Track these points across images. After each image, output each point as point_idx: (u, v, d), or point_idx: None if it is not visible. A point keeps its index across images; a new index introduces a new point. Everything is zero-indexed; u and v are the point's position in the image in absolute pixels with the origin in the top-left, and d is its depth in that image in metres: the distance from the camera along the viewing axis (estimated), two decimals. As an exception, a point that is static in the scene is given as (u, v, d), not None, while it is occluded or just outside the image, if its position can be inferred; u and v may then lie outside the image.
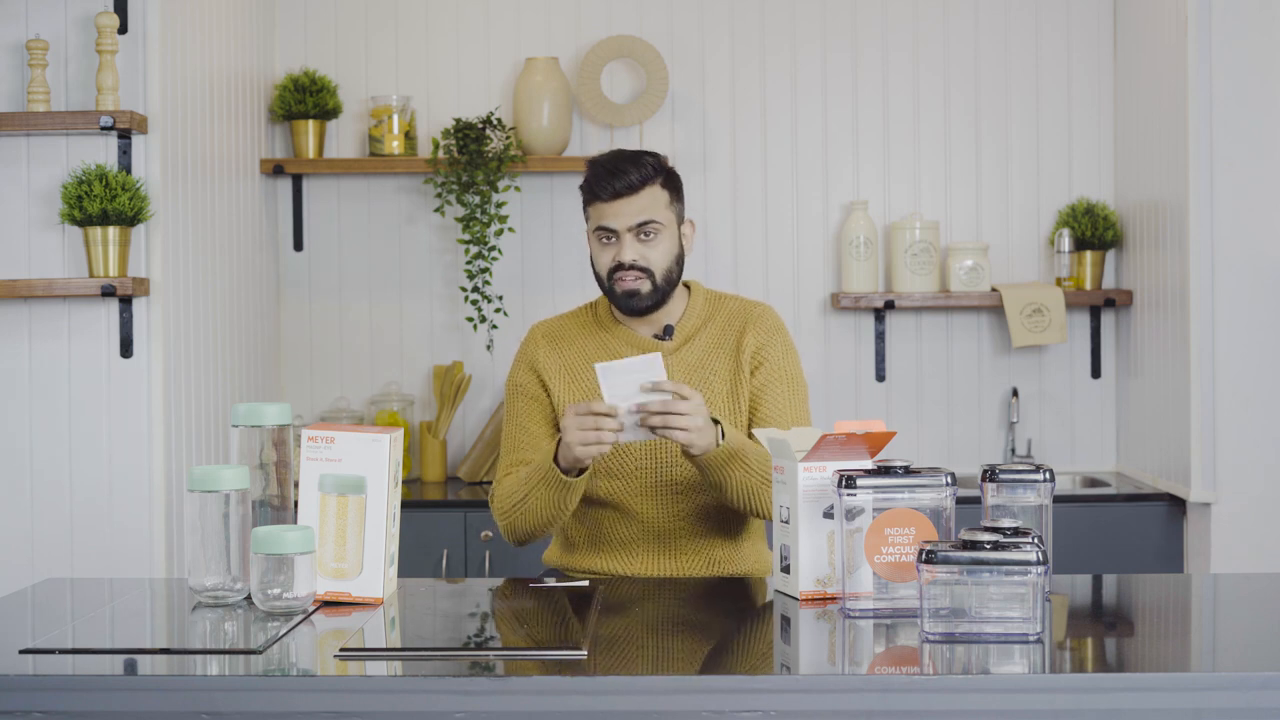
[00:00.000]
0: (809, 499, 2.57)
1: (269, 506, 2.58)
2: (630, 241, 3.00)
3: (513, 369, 3.15)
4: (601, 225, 3.02)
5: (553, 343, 3.11)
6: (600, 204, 3.02)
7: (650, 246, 3.00)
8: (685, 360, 3.05)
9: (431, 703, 2.07)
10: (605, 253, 3.03)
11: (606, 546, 3.03)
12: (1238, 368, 4.16)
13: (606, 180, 3.01)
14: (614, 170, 3.01)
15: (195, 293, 4.05)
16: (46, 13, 3.76)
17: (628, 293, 3.01)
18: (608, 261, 3.02)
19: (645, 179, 3.01)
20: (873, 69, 4.88)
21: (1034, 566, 2.26)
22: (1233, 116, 4.14)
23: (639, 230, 3.00)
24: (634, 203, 3.00)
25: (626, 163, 3.02)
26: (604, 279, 3.04)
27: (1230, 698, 2.06)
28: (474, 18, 4.90)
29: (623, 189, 3.00)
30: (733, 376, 3.05)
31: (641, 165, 3.02)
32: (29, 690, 2.10)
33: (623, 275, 3.00)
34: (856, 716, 2.07)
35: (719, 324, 3.10)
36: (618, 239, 3.01)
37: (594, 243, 3.05)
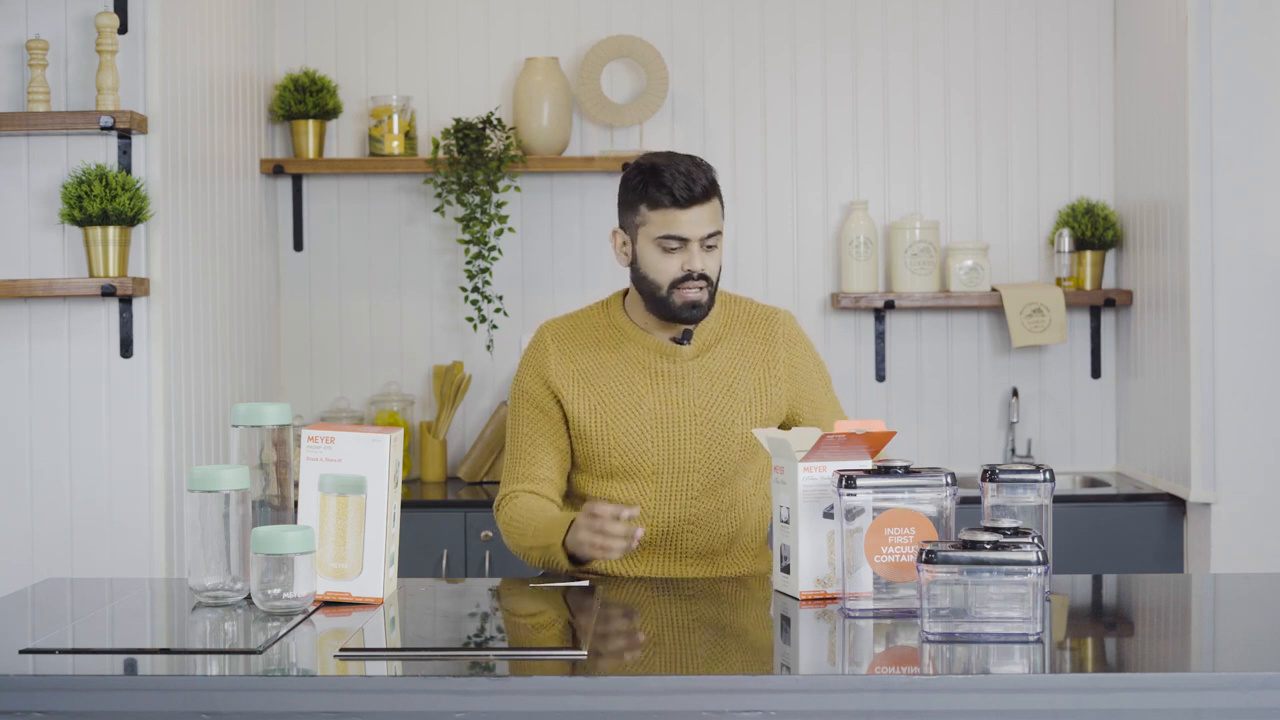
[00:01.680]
0: (809, 499, 2.57)
1: (269, 506, 2.58)
2: (698, 250, 2.91)
3: (520, 373, 3.06)
4: (672, 233, 2.90)
5: (564, 347, 3.02)
6: (671, 210, 2.90)
7: (712, 256, 2.94)
8: (708, 368, 3.00)
9: (431, 703, 2.07)
10: (669, 260, 2.91)
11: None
12: (1238, 368, 4.16)
13: (685, 185, 2.89)
14: (690, 175, 2.90)
15: (195, 293, 4.05)
16: (46, 13, 3.76)
17: (691, 303, 2.92)
18: (673, 270, 2.91)
19: (713, 188, 2.93)
20: (873, 69, 4.88)
21: (1034, 566, 2.26)
22: (1233, 116, 4.14)
23: (706, 240, 2.92)
24: (704, 211, 2.91)
25: (695, 169, 2.92)
26: (662, 287, 2.92)
27: (1230, 698, 2.06)
28: (474, 18, 4.90)
29: (700, 195, 2.90)
30: (757, 387, 3.01)
31: (707, 171, 2.94)
32: (29, 690, 2.10)
33: (688, 285, 2.91)
34: (856, 716, 2.07)
35: (740, 332, 3.05)
36: (685, 247, 2.91)
37: (651, 249, 2.92)
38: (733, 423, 2.97)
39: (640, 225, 2.94)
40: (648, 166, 2.94)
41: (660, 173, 2.91)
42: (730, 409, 2.97)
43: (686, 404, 2.96)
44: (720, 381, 2.98)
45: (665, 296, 2.93)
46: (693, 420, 2.96)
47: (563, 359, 3.01)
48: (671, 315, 2.94)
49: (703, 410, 2.96)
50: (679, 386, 2.97)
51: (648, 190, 2.92)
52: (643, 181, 2.93)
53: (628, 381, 2.97)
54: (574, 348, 3.02)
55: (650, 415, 2.95)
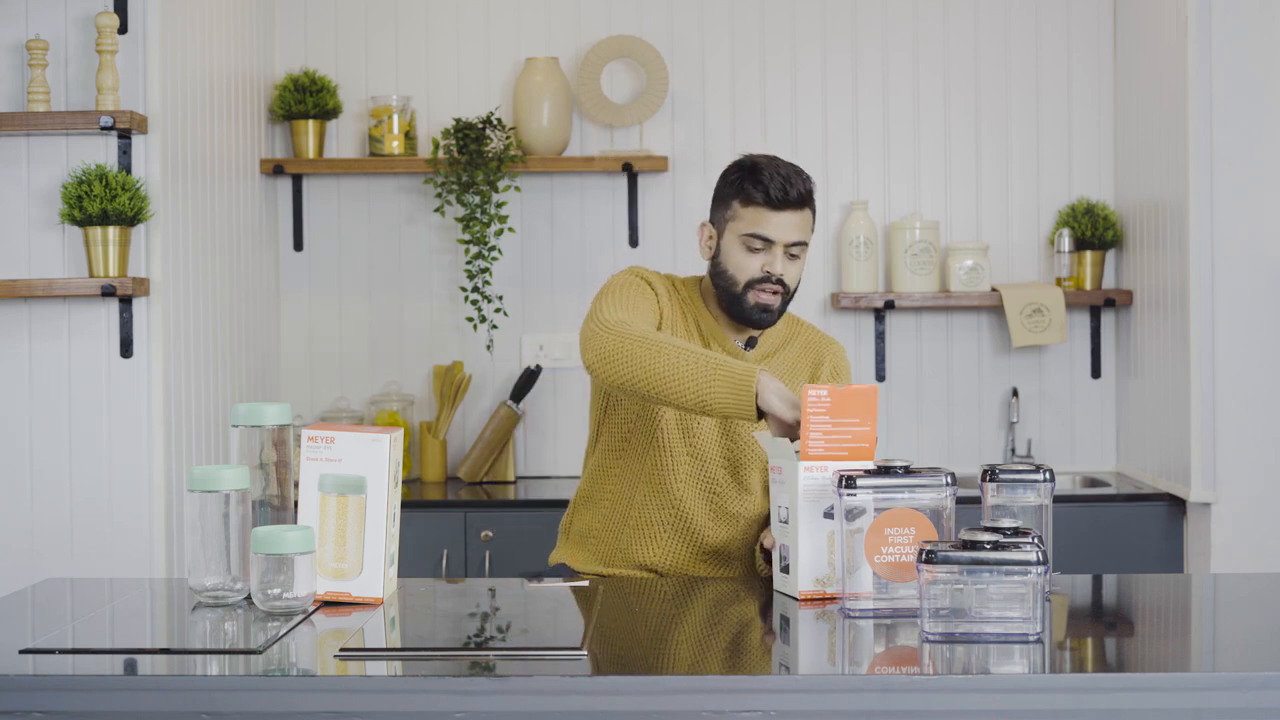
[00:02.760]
0: (809, 499, 2.57)
1: (269, 506, 2.58)
2: (781, 256, 2.92)
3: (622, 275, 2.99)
4: (759, 232, 2.92)
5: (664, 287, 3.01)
6: (763, 209, 2.92)
7: (794, 265, 2.95)
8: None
9: (431, 703, 2.07)
10: (751, 260, 2.93)
11: (633, 522, 3.01)
12: (1238, 368, 4.16)
13: (781, 186, 2.90)
14: (789, 178, 2.91)
15: (195, 293, 4.05)
16: (46, 13, 3.76)
17: (764, 306, 2.94)
18: (754, 270, 2.93)
19: (809, 195, 2.95)
20: (873, 69, 4.88)
21: (1034, 566, 2.26)
22: (1233, 116, 4.14)
23: (790, 247, 2.93)
24: (796, 217, 2.93)
25: (797, 175, 2.93)
26: (739, 284, 2.94)
27: (1230, 698, 2.06)
28: (474, 18, 4.90)
29: (795, 200, 2.91)
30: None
31: (808, 181, 2.95)
32: (29, 690, 2.10)
33: (765, 288, 2.93)
34: (856, 716, 2.07)
35: (797, 348, 3.09)
36: (769, 249, 2.93)
37: (736, 244, 2.94)
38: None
39: (730, 220, 2.96)
40: (749, 164, 2.96)
41: (760, 171, 2.93)
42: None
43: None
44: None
45: (740, 294, 2.95)
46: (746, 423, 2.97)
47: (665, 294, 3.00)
48: (742, 314, 2.96)
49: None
50: None
51: (744, 186, 2.94)
52: (740, 177, 2.95)
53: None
54: (671, 297, 3.02)
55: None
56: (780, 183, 2.90)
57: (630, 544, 3.01)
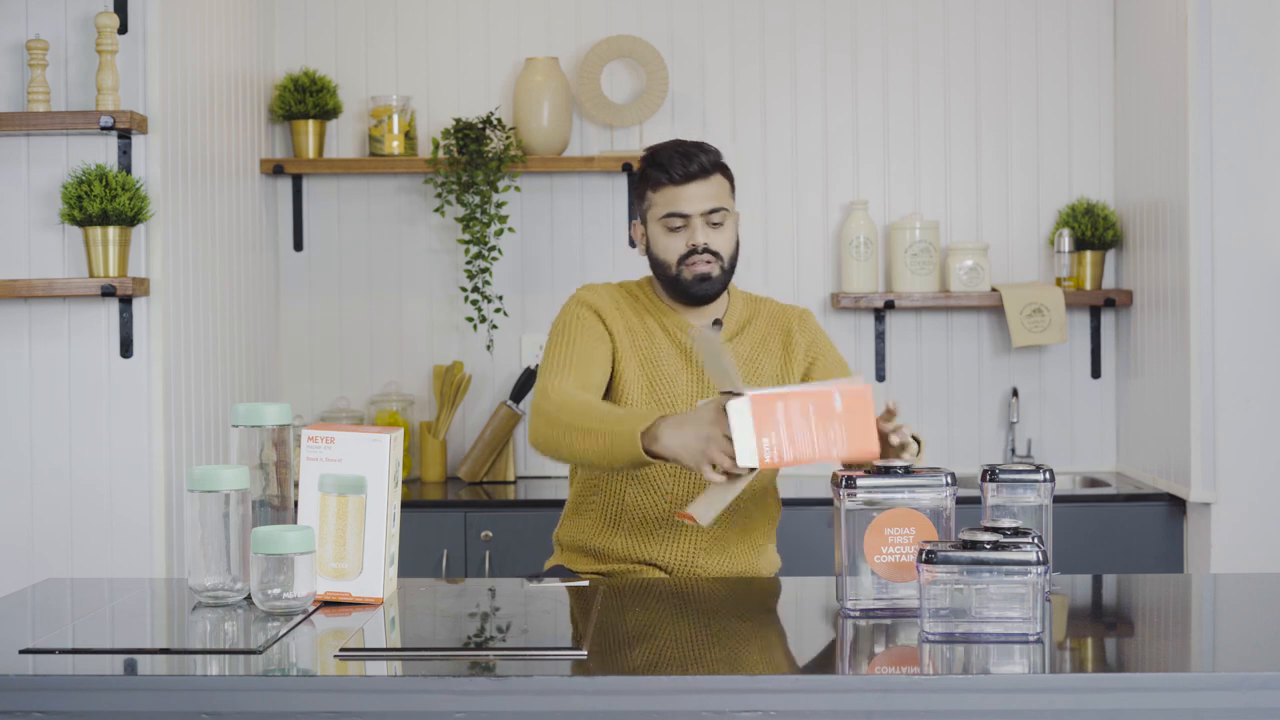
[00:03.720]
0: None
1: (269, 506, 2.58)
2: (701, 226, 3.00)
3: (568, 309, 3.05)
4: (673, 211, 3.00)
5: (615, 301, 3.08)
6: (671, 188, 3.00)
7: (719, 233, 3.02)
8: (735, 353, 3.07)
9: (431, 703, 2.07)
10: (674, 239, 3.01)
11: (625, 524, 3.02)
12: (1238, 368, 4.15)
13: (680, 163, 2.99)
14: (685, 154, 3.00)
15: (195, 293, 4.05)
16: (46, 13, 3.76)
17: (700, 276, 3.00)
18: (678, 247, 3.00)
19: (714, 165, 3.02)
20: (873, 69, 4.88)
21: (1034, 566, 2.26)
22: (1233, 116, 4.14)
23: (709, 216, 3.00)
24: (704, 187, 3.00)
25: (694, 148, 3.02)
26: (671, 266, 3.02)
27: (1230, 698, 2.06)
28: (474, 18, 4.90)
29: (696, 171, 2.99)
30: (778, 373, 3.10)
31: (708, 151, 3.03)
32: (29, 690, 2.10)
33: (695, 260, 3.00)
34: (856, 716, 2.07)
35: (762, 323, 3.13)
36: (688, 224, 3.00)
37: (658, 230, 3.03)
38: None
39: (648, 209, 3.05)
40: (650, 152, 3.07)
41: (659, 154, 3.04)
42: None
43: (714, 388, 3.00)
44: (745, 367, 3.07)
45: (675, 275, 3.02)
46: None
47: (615, 310, 3.07)
48: (685, 293, 3.02)
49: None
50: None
51: (649, 173, 3.04)
52: (645, 166, 3.06)
53: (666, 353, 3.05)
54: (625, 306, 3.09)
55: (684, 390, 3.03)
56: (680, 159, 2.99)
57: (626, 546, 3.01)
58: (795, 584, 2.86)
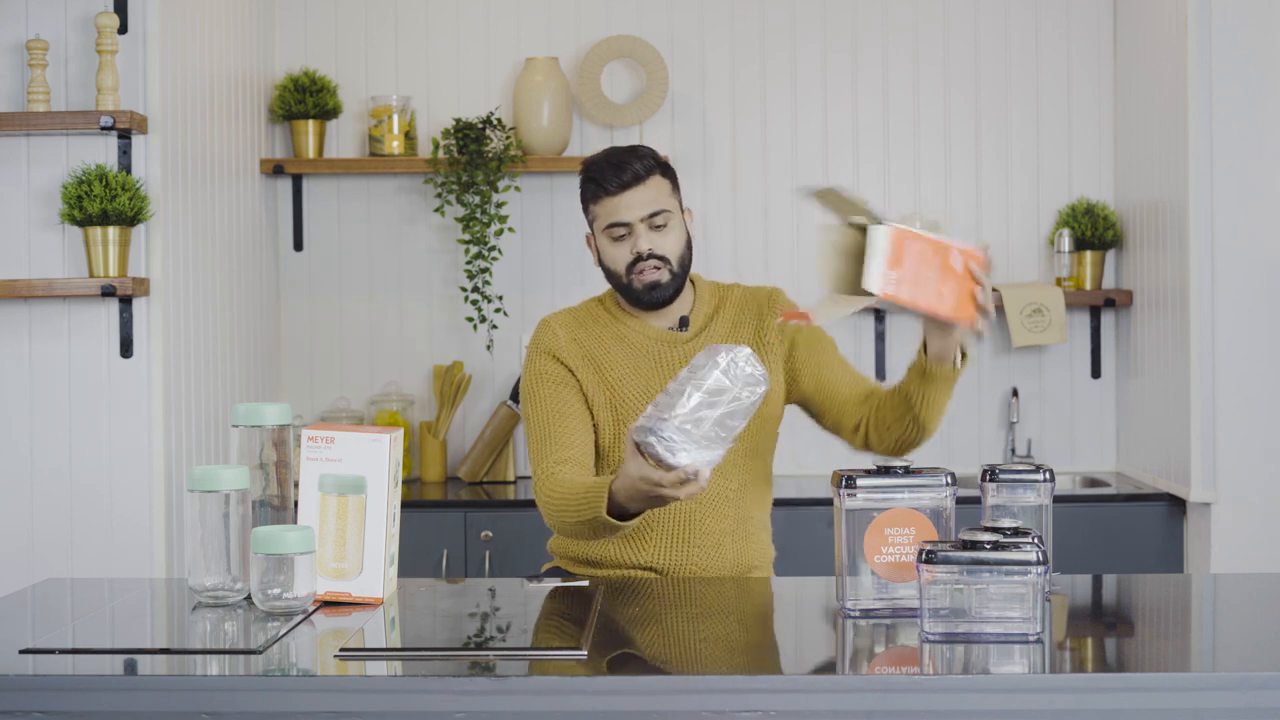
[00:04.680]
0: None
1: (269, 506, 2.58)
2: (644, 232, 2.99)
3: (529, 363, 3.08)
4: (614, 221, 3.00)
5: (570, 331, 3.08)
6: (608, 199, 3.00)
7: (663, 236, 3.00)
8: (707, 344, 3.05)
9: (431, 703, 2.07)
10: (619, 248, 3.00)
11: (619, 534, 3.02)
12: (1238, 368, 4.16)
13: (613, 173, 2.99)
14: (618, 163, 3.00)
15: (195, 293, 4.05)
16: (46, 13, 3.76)
17: (650, 284, 2.99)
18: (624, 256, 3.00)
19: (649, 169, 3.01)
20: (873, 69, 4.88)
21: (1034, 566, 2.26)
22: (1233, 116, 4.14)
23: (650, 220, 2.99)
24: (642, 193, 2.99)
25: (627, 155, 3.02)
26: (621, 275, 3.01)
27: (1230, 698, 2.06)
28: (474, 18, 4.90)
29: (630, 179, 2.99)
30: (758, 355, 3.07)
31: (642, 157, 3.02)
32: (29, 690, 2.10)
33: (642, 267, 2.99)
34: (856, 716, 2.07)
35: (731, 310, 3.11)
36: (630, 232, 2.99)
37: (604, 241, 3.03)
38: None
39: (593, 221, 3.06)
40: (584, 165, 3.08)
41: (591, 167, 3.05)
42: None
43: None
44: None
45: (627, 284, 3.02)
46: None
47: (572, 343, 3.06)
48: (638, 300, 3.02)
49: None
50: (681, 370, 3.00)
51: (586, 186, 3.06)
52: (582, 181, 3.07)
53: (634, 366, 3.02)
54: (581, 333, 3.07)
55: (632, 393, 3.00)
56: (611, 170, 3.00)
57: (619, 553, 3.01)
58: (795, 584, 2.86)
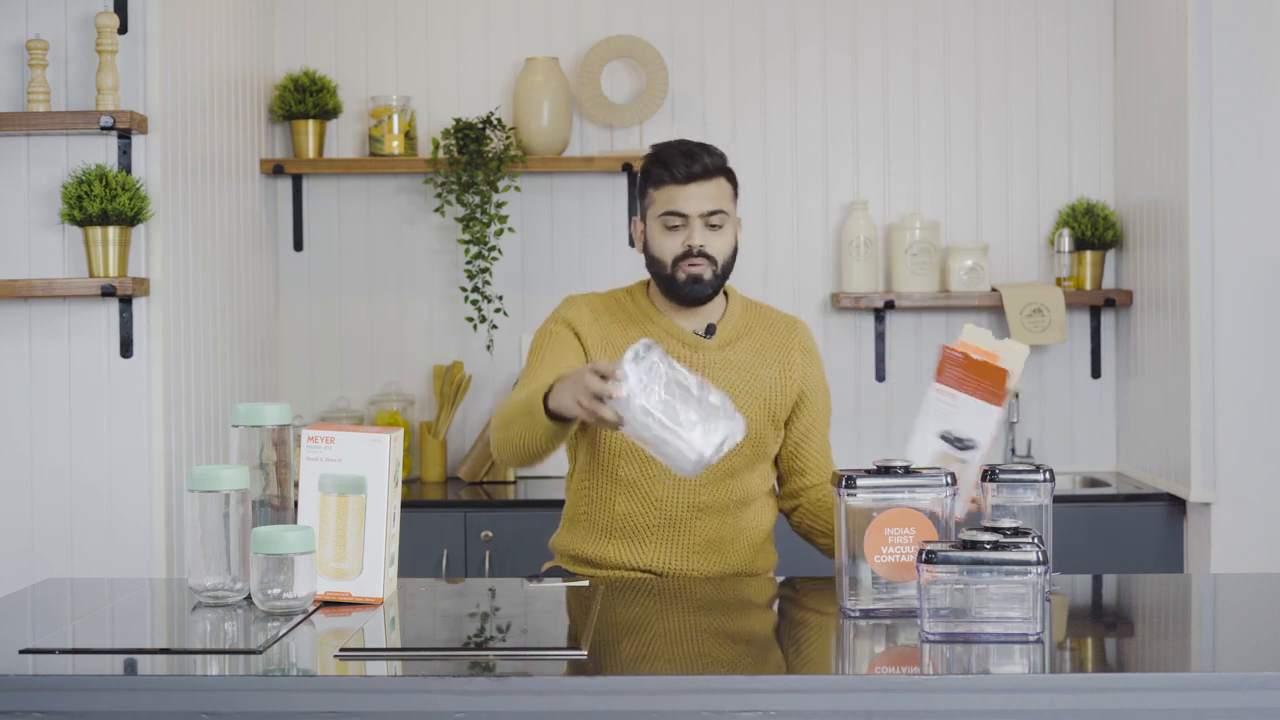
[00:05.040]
0: (930, 416, 2.65)
1: (269, 506, 2.58)
2: (700, 228, 2.98)
3: (545, 324, 3.08)
4: (672, 209, 2.98)
5: (596, 314, 3.08)
6: (672, 186, 2.99)
7: (716, 236, 3.00)
8: (729, 360, 3.04)
9: (431, 703, 2.07)
10: (672, 238, 2.99)
11: (618, 533, 3.02)
12: (1238, 368, 4.15)
13: (684, 163, 2.98)
14: (689, 154, 2.99)
15: (195, 293, 4.05)
16: (46, 13, 3.76)
17: (693, 278, 2.98)
18: (675, 247, 2.99)
19: (718, 168, 3.01)
20: (873, 69, 4.88)
21: (1034, 566, 2.26)
22: (1233, 116, 4.14)
23: (708, 218, 2.99)
24: (706, 189, 2.99)
25: (699, 149, 3.01)
26: (666, 265, 3.00)
27: (1230, 698, 2.06)
28: (474, 18, 4.90)
29: (698, 172, 2.98)
30: (773, 385, 3.06)
31: (714, 154, 3.02)
32: (29, 690, 2.10)
33: (690, 262, 2.98)
34: (856, 716, 2.07)
35: (760, 333, 3.10)
36: (686, 224, 2.99)
37: (656, 228, 3.01)
38: (747, 417, 2.99)
39: (649, 207, 3.04)
40: (655, 150, 3.05)
41: (663, 152, 3.02)
42: (747, 404, 3.00)
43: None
44: (740, 376, 3.03)
45: (670, 274, 3.00)
46: None
47: (594, 323, 3.06)
48: (677, 292, 3.01)
49: None
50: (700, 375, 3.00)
51: (651, 170, 3.03)
52: (649, 164, 3.04)
53: None
54: (605, 317, 3.07)
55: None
56: (683, 159, 2.98)
57: (620, 554, 3.01)
58: (795, 584, 2.86)
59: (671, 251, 2.99)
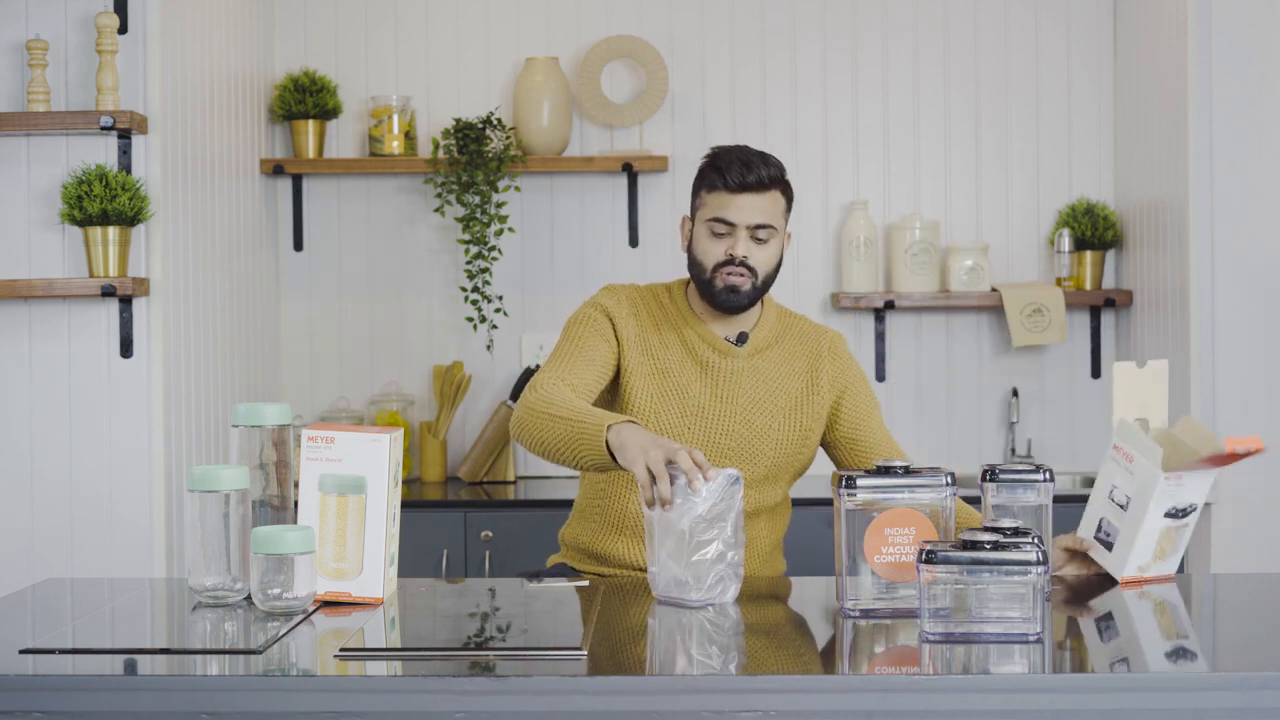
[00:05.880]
0: (1159, 502, 2.66)
1: (269, 506, 2.58)
2: (745, 238, 2.97)
3: (582, 308, 3.06)
4: (720, 216, 2.97)
5: (635, 308, 3.07)
6: (724, 193, 2.97)
7: (761, 249, 2.98)
8: (757, 369, 3.04)
9: (431, 703, 2.07)
10: (716, 244, 2.98)
11: (628, 530, 3.02)
12: (1238, 368, 4.16)
13: (739, 171, 2.96)
14: (746, 163, 2.97)
15: (195, 293, 4.05)
16: (46, 13, 3.76)
17: (730, 288, 2.97)
18: (718, 254, 2.98)
19: (773, 180, 2.98)
20: (873, 69, 4.88)
21: (1034, 566, 2.26)
22: (1233, 116, 4.14)
23: (755, 231, 2.97)
24: (758, 200, 2.97)
25: (757, 159, 2.98)
26: (706, 270, 2.99)
27: (1230, 698, 2.06)
28: (474, 18, 4.90)
29: (753, 183, 2.96)
30: (799, 396, 3.05)
31: (772, 165, 2.99)
32: (29, 690, 2.10)
33: (730, 270, 2.97)
34: (856, 716, 2.07)
35: (792, 342, 3.10)
36: (732, 233, 2.97)
37: (703, 231, 3.00)
38: (771, 428, 3.00)
39: (699, 209, 3.03)
40: (714, 153, 3.03)
41: (720, 157, 3.00)
42: (771, 414, 3.00)
43: (731, 401, 3.00)
44: (766, 386, 3.02)
45: (709, 279, 2.99)
46: (733, 418, 2.99)
47: (632, 317, 3.05)
48: (713, 299, 3.00)
49: (744, 410, 3.00)
50: (727, 383, 3.00)
51: (707, 174, 3.01)
52: (705, 166, 3.02)
53: (680, 365, 3.01)
54: (643, 313, 3.07)
55: (694, 404, 2.99)
56: (739, 167, 2.96)
57: (628, 552, 3.01)
58: (795, 584, 2.86)
59: (714, 258, 2.98)
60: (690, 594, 2.52)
